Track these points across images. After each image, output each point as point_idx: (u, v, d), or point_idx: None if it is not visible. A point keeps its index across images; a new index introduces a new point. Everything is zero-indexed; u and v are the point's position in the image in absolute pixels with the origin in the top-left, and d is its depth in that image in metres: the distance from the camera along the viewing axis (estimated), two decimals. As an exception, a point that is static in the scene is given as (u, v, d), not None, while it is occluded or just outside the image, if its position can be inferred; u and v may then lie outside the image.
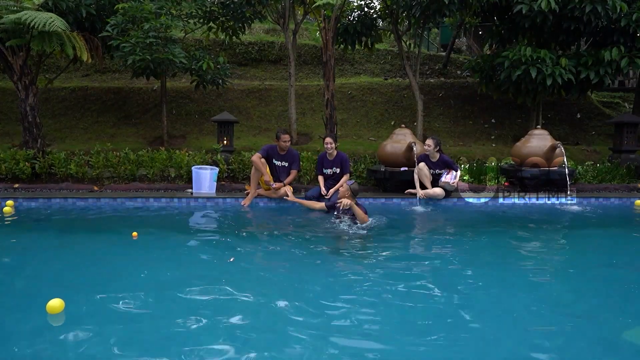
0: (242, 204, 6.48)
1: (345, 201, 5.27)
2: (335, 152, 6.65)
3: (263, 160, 6.45)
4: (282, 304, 3.17)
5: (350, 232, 5.23)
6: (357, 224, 5.34)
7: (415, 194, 6.75)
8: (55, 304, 2.81)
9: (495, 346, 2.64)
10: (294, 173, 6.73)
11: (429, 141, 6.86)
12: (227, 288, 3.45)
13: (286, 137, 6.59)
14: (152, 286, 3.50)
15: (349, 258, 4.25)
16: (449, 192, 6.84)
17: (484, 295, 3.43)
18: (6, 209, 5.99)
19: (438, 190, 6.68)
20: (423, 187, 6.78)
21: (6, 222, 5.59)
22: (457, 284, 3.63)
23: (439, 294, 3.42)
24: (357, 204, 5.40)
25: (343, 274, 3.81)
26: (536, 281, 3.75)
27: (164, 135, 10.05)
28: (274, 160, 6.66)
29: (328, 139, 6.62)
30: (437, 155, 6.87)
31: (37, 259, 4.20)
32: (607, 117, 11.70)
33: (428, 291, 3.46)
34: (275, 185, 6.45)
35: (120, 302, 3.13)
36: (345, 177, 6.59)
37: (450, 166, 6.84)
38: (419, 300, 3.28)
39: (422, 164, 6.77)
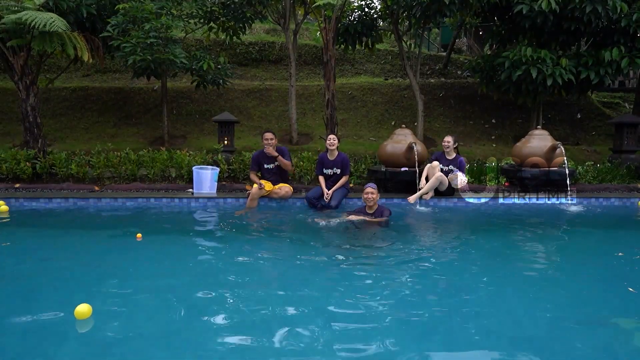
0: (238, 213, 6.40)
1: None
2: (336, 152, 6.64)
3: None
4: (282, 303, 3.18)
5: (351, 231, 5.24)
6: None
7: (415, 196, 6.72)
8: (83, 309, 2.83)
9: (495, 346, 2.65)
10: (287, 165, 6.73)
11: (448, 137, 7.01)
12: (228, 288, 3.46)
13: (268, 135, 6.53)
14: (153, 287, 3.50)
15: (350, 258, 4.25)
16: (452, 190, 6.84)
17: (483, 295, 3.43)
18: (3, 208, 6.02)
19: (441, 178, 6.63)
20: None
21: (5, 223, 5.61)
22: (457, 284, 3.64)
23: (438, 294, 3.43)
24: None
25: (343, 274, 3.82)
26: (536, 281, 3.76)
27: (165, 135, 10.06)
28: (264, 165, 6.67)
29: (332, 135, 6.64)
30: (454, 154, 6.93)
31: (38, 259, 4.21)
32: (607, 118, 11.71)
33: (428, 291, 3.47)
34: (273, 189, 6.50)
35: (121, 303, 3.14)
36: (344, 178, 6.59)
37: (461, 168, 6.88)
38: (418, 299, 3.29)
39: (435, 163, 6.80)
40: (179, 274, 3.79)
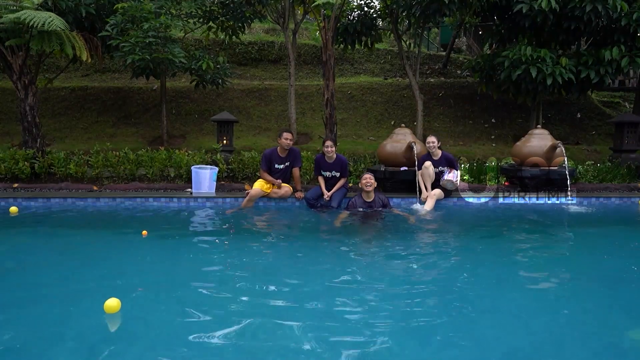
0: (241, 206, 6.43)
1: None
2: (334, 156, 6.55)
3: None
4: (281, 302, 3.17)
5: (351, 231, 5.22)
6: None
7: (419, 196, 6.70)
8: (113, 303, 2.86)
9: (495, 346, 2.63)
10: (297, 172, 6.69)
11: (433, 138, 6.74)
12: (226, 287, 3.45)
13: (288, 135, 6.45)
14: (151, 286, 3.49)
15: (350, 258, 4.23)
16: (449, 191, 6.81)
17: (483, 295, 3.41)
18: (12, 209, 6.08)
19: (437, 192, 6.61)
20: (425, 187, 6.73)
21: (8, 223, 5.60)
22: (457, 284, 3.62)
23: (438, 294, 3.41)
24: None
25: (342, 274, 3.80)
26: (536, 281, 3.74)
27: (164, 135, 10.04)
28: (275, 164, 6.55)
29: (329, 142, 6.47)
30: (439, 153, 6.81)
31: (41, 259, 4.20)
32: (607, 117, 11.69)
33: (427, 291, 3.45)
34: (279, 184, 6.45)
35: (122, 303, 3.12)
36: (342, 181, 6.54)
37: (452, 164, 6.76)
38: (418, 299, 3.27)
39: (428, 163, 6.63)
40: (177, 273, 3.78)
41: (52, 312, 2.97)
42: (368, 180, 6.01)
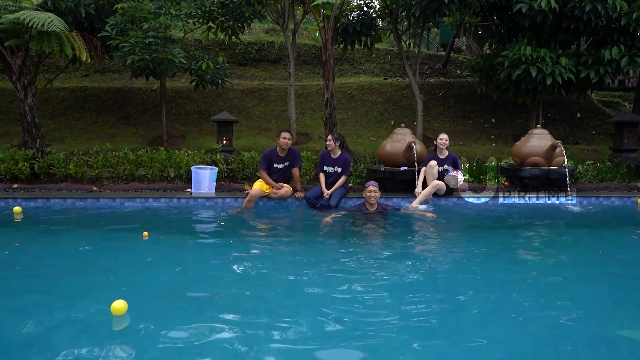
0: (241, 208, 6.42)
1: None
2: (339, 152, 6.60)
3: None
4: (282, 303, 3.17)
5: (350, 231, 5.21)
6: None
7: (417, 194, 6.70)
8: (119, 305, 2.86)
9: (496, 346, 2.63)
10: (296, 172, 6.68)
11: (444, 135, 6.85)
12: (227, 288, 3.45)
13: (286, 134, 6.47)
14: (151, 286, 3.49)
15: (349, 258, 4.23)
16: (450, 190, 6.82)
17: (483, 295, 3.41)
18: (16, 209, 6.09)
19: (439, 184, 6.60)
20: (425, 186, 6.72)
21: (8, 224, 5.60)
22: (457, 284, 3.62)
23: (438, 294, 3.40)
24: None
25: (342, 275, 3.79)
26: (536, 281, 3.74)
27: (164, 135, 10.04)
28: (274, 164, 6.58)
29: (330, 136, 6.61)
30: (447, 152, 6.85)
31: (40, 260, 4.19)
32: (607, 117, 11.69)
33: (428, 291, 3.45)
34: (279, 187, 6.44)
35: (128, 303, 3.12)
36: (343, 179, 6.55)
37: (456, 164, 6.80)
38: (418, 301, 3.26)
39: (433, 162, 6.67)
40: (177, 273, 3.77)
41: (52, 314, 2.97)
42: (373, 194, 5.73)
